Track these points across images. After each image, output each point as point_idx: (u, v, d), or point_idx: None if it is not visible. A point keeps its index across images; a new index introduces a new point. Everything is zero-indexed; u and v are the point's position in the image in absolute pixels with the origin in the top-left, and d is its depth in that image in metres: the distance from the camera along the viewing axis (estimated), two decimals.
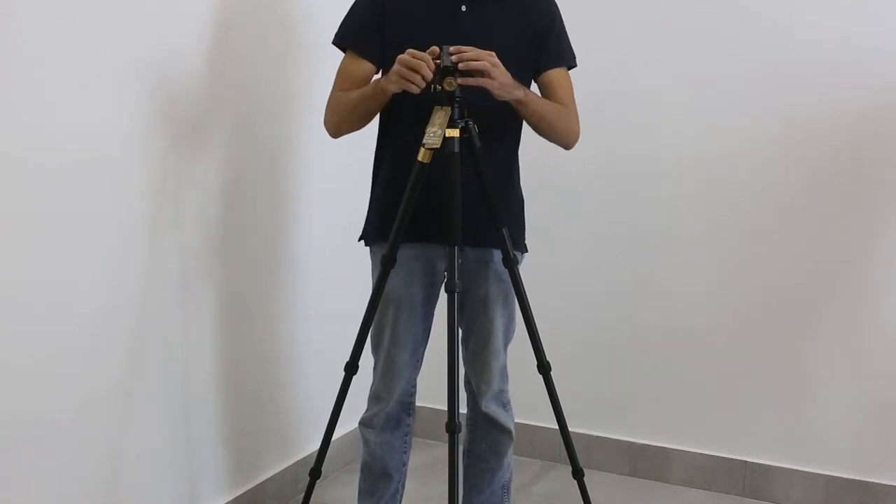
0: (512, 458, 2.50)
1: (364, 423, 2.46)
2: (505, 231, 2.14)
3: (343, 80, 2.27)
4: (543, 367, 2.29)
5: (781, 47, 2.84)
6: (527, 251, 2.41)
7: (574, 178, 3.08)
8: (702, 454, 3.10)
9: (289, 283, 2.93)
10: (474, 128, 2.08)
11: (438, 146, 2.03)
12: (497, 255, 2.26)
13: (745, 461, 3.03)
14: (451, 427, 2.03)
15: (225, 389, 2.70)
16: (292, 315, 2.95)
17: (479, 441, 2.46)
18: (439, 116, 2.04)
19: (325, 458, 2.39)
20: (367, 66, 2.25)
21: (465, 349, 2.41)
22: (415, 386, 2.44)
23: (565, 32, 2.32)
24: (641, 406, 3.19)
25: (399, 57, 2.03)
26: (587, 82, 2.42)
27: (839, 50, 2.77)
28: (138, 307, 2.35)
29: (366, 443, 2.46)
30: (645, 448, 3.18)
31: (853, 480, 2.89)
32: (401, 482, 2.51)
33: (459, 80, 2.01)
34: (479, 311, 2.33)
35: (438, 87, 2.03)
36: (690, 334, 3.08)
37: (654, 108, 3.03)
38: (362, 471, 2.51)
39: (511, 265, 2.16)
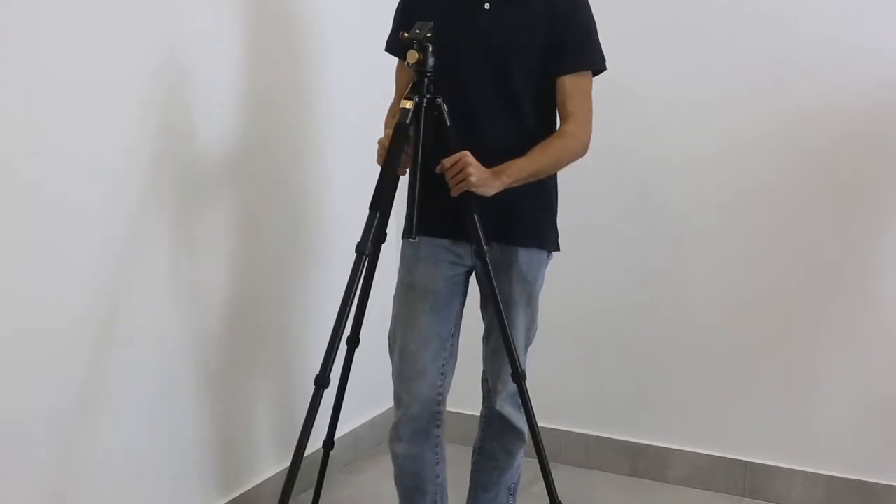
0: (522, 460, 2.48)
1: (392, 434, 2.37)
2: (476, 218, 2.12)
3: (397, 83, 2.36)
4: (518, 376, 2.22)
5: (788, 47, 2.84)
6: (557, 249, 2.38)
7: (575, 179, 3.08)
8: (702, 454, 3.10)
9: (289, 282, 2.93)
10: (442, 106, 2.09)
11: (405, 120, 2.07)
12: (523, 254, 2.26)
13: (745, 461, 3.03)
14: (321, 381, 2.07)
15: (223, 390, 2.70)
16: (292, 315, 2.95)
17: (490, 439, 2.44)
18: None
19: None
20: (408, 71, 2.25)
21: (485, 346, 2.40)
22: (441, 394, 2.34)
23: (593, 35, 2.26)
24: (641, 406, 3.18)
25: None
26: (599, 82, 2.41)
27: (844, 49, 2.77)
28: (137, 308, 2.36)
29: (394, 456, 2.38)
30: (645, 448, 3.18)
31: (853, 480, 2.89)
32: (438, 495, 2.42)
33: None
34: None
35: (407, 62, 2.07)
36: (690, 334, 3.07)
37: (661, 108, 3.03)
38: (396, 485, 2.44)
39: (483, 257, 2.14)
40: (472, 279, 2.38)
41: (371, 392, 2.73)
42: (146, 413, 2.43)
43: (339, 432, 2.97)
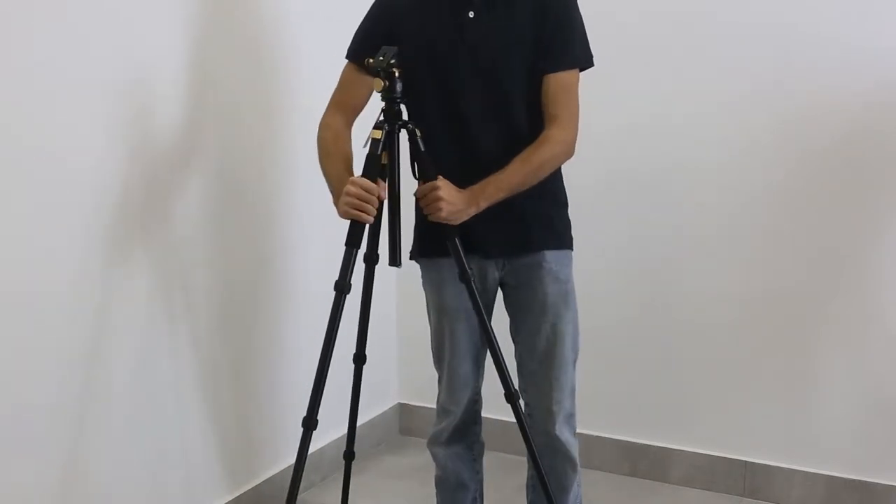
0: (580, 489, 2.40)
1: (432, 440, 2.45)
2: (457, 241, 2.10)
3: (344, 91, 2.27)
4: (511, 396, 2.18)
5: (788, 47, 2.83)
6: (571, 248, 2.33)
7: (578, 180, 3.09)
8: (702, 454, 3.10)
9: (287, 280, 2.94)
10: (415, 132, 2.07)
11: (367, 148, 2.05)
12: (549, 255, 2.24)
13: (745, 461, 3.03)
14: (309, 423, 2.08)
15: (223, 390, 2.71)
16: (292, 314, 2.95)
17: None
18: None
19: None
20: (365, 80, 2.18)
21: (522, 365, 2.32)
22: (478, 394, 2.42)
23: (578, 31, 2.20)
24: (641, 406, 3.18)
25: (347, 188, 2.04)
26: (600, 84, 2.41)
27: (844, 49, 2.76)
28: (134, 308, 2.37)
29: (435, 458, 2.47)
30: (645, 448, 3.18)
31: (853, 480, 2.89)
32: (478, 491, 2.51)
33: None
34: (540, 317, 2.25)
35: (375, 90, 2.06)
36: (691, 335, 3.07)
37: (662, 109, 3.02)
38: (437, 486, 2.51)
39: (467, 280, 2.12)
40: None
41: (370, 393, 2.72)
42: (154, 413, 2.45)
43: (339, 432, 2.99)
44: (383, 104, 2.07)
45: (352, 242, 2.09)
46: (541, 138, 2.17)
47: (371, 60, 2.02)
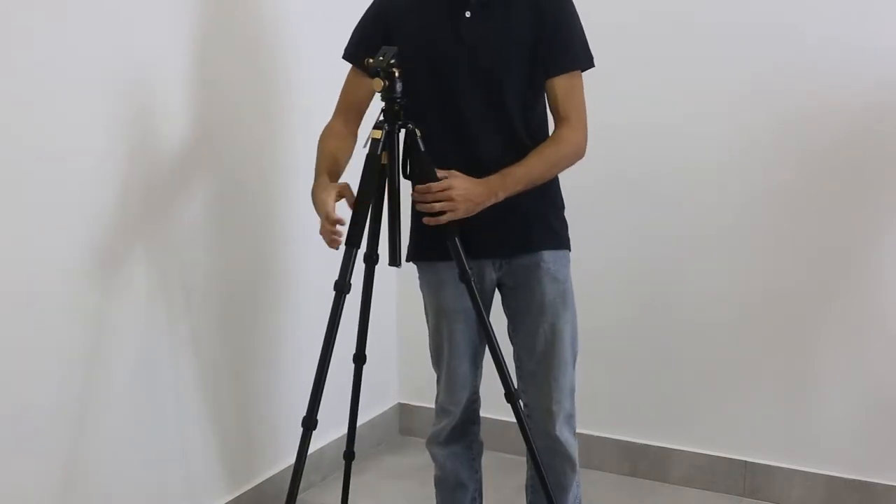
0: (579, 489, 2.41)
1: (431, 439, 2.45)
2: (458, 241, 2.09)
3: (345, 93, 2.29)
4: (511, 396, 2.17)
5: (788, 47, 2.83)
6: (569, 248, 2.33)
7: (578, 180, 3.08)
8: (702, 454, 3.10)
9: (287, 280, 2.94)
10: (415, 132, 2.06)
11: (367, 148, 2.05)
12: (547, 255, 2.24)
13: (745, 461, 3.03)
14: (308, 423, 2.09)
15: (223, 390, 2.71)
16: (292, 314, 2.95)
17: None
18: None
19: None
20: (365, 81, 2.17)
21: (521, 366, 2.32)
22: (477, 393, 2.42)
23: (578, 32, 2.20)
24: (641, 406, 3.18)
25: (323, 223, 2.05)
26: (601, 85, 2.41)
27: (844, 49, 2.76)
28: (134, 308, 2.37)
29: (434, 458, 2.47)
30: (645, 448, 3.18)
31: (853, 480, 2.89)
32: (477, 490, 2.51)
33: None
34: (538, 317, 2.25)
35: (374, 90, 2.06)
36: (691, 335, 3.07)
37: (663, 110, 3.02)
38: (437, 486, 2.51)
39: (468, 280, 2.11)
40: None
41: (370, 393, 2.72)
42: (154, 413, 2.45)
43: (339, 432, 2.99)
44: (383, 104, 2.07)
45: (352, 242, 2.09)
46: (554, 136, 2.19)
47: (371, 60, 2.02)
